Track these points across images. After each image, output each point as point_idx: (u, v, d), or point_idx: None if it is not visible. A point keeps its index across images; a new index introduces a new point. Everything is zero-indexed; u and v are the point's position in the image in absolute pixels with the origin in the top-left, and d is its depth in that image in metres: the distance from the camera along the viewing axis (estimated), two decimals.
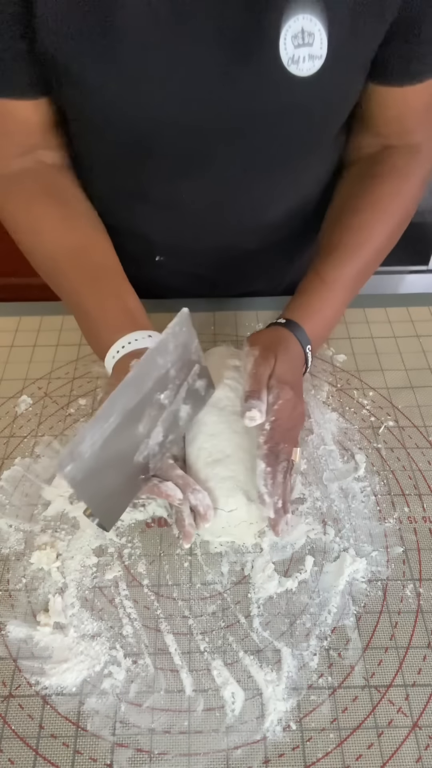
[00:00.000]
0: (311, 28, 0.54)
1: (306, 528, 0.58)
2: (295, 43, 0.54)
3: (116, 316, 0.62)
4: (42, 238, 0.66)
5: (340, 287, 0.66)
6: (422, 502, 0.61)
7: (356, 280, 0.67)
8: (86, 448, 0.45)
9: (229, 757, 0.45)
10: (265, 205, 0.73)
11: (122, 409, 0.48)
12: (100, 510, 0.52)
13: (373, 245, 0.67)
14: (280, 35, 0.54)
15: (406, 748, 0.46)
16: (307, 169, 0.71)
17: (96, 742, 0.46)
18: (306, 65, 0.55)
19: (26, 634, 0.51)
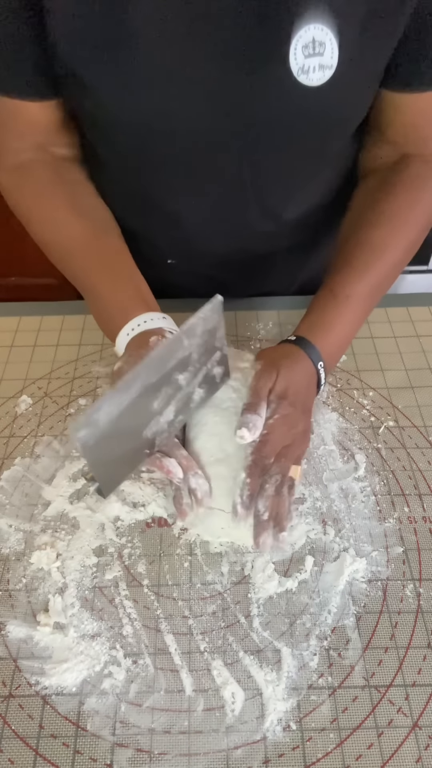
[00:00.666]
0: (322, 38, 0.53)
1: (306, 528, 0.58)
2: (305, 53, 0.54)
3: (129, 298, 0.63)
4: (54, 225, 0.67)
5: (354, 303, 0.64)
6: (422, 502, 0.61)
7: (371, 295, 0.65)
8: (103, 416, 0.46)
9: (229, 757, 0.45)
10: (277, 212, 0.73)
11: (143, 383, 0.48)
12: (103, 477, 0.52)
13: (388, 260, 0.65)
14: (291, 45, 0.53)
15: (406, 748, 0.46)
16: (319, 176, 0.71)
17: (96, 742, 0.46)
18: (316, 75, 0.55)
19: (26, 634, 0.51)
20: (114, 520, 0.59)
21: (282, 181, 0.69)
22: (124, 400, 0.47)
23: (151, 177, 0.67)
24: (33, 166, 0.67)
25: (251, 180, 0.67)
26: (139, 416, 0.51)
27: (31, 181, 0.67)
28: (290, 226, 0.75)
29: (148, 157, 0.64)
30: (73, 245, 0.66)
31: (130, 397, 0.47)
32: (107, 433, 0.47)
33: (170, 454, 0.56)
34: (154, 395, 0.51)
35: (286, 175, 0.68)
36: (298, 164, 0.67)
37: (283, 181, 0.69)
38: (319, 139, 0.64)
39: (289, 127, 0.60)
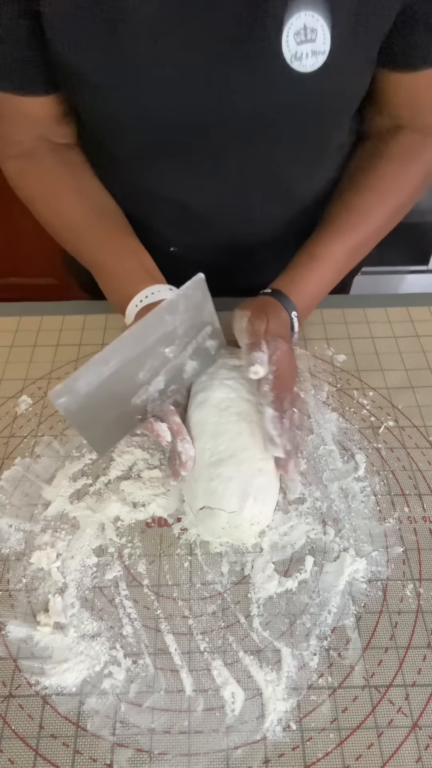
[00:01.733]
0: (314, 24, 0.54)
1: (306, 528, 0.58)
2: (297, 39, 0.54)
3: (136, 271, 0.65)
4: (59, 206, 0.69)
5: (330, 263, 0.67)
6: (422, 502, 0.61)
7: (348, 257, 0.68)
8: (82, 385, 0.50)
9: (229, 757, 0.45)
10: (278, 199, 0.73)
11: (122, 357, 0.52)
12: (92, 437, 0.57)
13: (370, 225, 0.68)
14: (283, 32, 0.54)
15: (406, 748, 0.46)
16: (319, 162, 0.72)
17: (96, 742, 0.46)
18: (309, 61, 0.56)
19: (26, 634, 0.51)
20: (114, 520, 0.59)
21: (281, 168, 0.69)
22: (104, 371, 0.51)
23: (151, 166, 0.68)
24: (36, 152, 0.69)
25: (251, 167, 0.67)
26: (125, 385, 0.54)
27: (34, 166, 0.69)
28: (292, 212, 0.76)
29: (147, 147, 0.65)
30: (77, 224, 0.68)
31: (109, 369, 0.51)
32: (90, 400, 0.51)
33: (163, 419, 0.59)
34: (139, 367, 0.54)
35: (286, 162, 0.69)
36: (297, 151, 0.67)
37: (282, 168, 0.69)
38: (315, 125, 0.65)
39: (284, 114, 0.61)
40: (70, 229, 0.70)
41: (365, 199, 0.68)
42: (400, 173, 0.68)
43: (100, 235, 0.68)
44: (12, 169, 0.71)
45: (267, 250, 0.81)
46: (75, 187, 0.69)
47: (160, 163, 0.67)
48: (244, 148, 0.64)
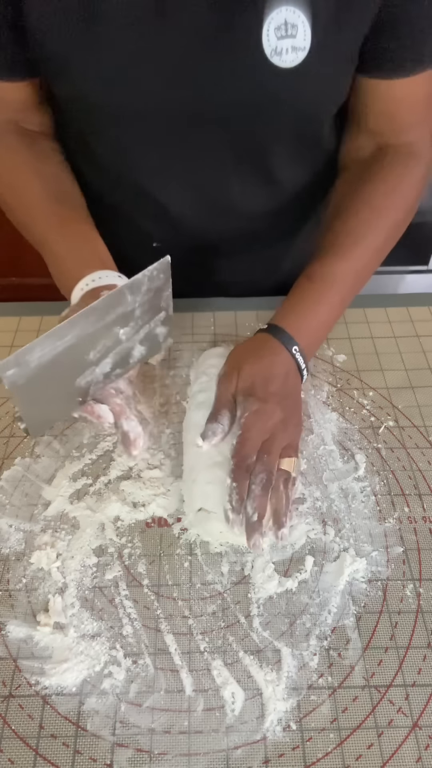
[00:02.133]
0: (294, 20, 0.54)
1: (306, 528, 0.58)
2: (278, 34, 0.55)
3: (85, 256, 0.63)
4: (16, 182, 0.68)
5: (331, 287, 0.64)
6: (422, 502, 0.60)
7: (350, 280, 0.65)
8: (34, 358, 0.48)
9: (229, 757, 0.45)
10: (259, 193, 0.73)
11: (79, 332, 0.50)
12: (31, 417, 0.54)
13: (368, 246, 0.66)
14: (263, 27, 0.54)
15: (406, 748, 0.46)
16: (300, 160, 0.72)
17: (96, 742, 0.46)
18: (289, 57, 0.56)
19: (26, 634, 0.51)
20: (114, 520, 0.59)
21: (262, 163, 0.69)
22: (59, 346, 0.49)
23: (131, 157, 0.67)
24: (3, 135, 0.68)
25: (231, 161, 0.67)
26: (74, 364, 0.53)
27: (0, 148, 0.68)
28: (275, 207, 0.76)
29: (126, 138, 0.65)
30: (33, 202, 0.67)
31: (64, 344, 0.49)
32: (38, 375, 0.49)
33: (104, 401, 0.58)
34: (91, 345, 0.53)
35: (266, 157, 0.68)
36: (277, 147, 0.67)
37: (263, 163, 0.69)
38: (295, 123, 0.64)
39: (264, 109, 0.61)
40: (24, 205, 0.68)
41: (360, 221, 0.66)
42: (390, 192, 0.67)
43: (55, 218, 0.66)
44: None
45: (251, 247, 0.81)
46: (37, 169, 0.68)
47: (138, 154, 0.66)
48: (224, 140, 0.64)
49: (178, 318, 0.79)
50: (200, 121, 0.62)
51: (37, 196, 0.67)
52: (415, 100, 0.65)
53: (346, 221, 0.66)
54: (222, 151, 0.66)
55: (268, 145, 0.67)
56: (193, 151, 0.66)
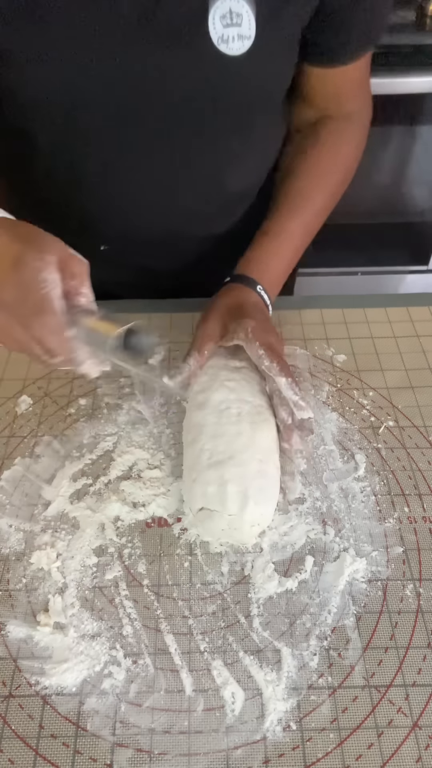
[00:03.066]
0: (239, 9, 0.56)
1: (306, 528, 0.58)
2: (223, 23, 0.56)
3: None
4: None
5: (285, 239, 0.71)
6: (422, 502, 0.61)
7: (300, 233, 0.72)
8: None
9: (229, 757, 0.45)
10: (209, 186, 0.73)
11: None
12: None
13: (314, 205, 0.73)
14: (209, 15, 0.56)
15: (406, 748, 0.46)
16: (251, 150, 0.73)
17: (96, 742, 0.46)
18: (236, 45, 0.58)
19: (26, 634, 0.51)
20: (114, 520, 0.59)
21: (211, 153, 0.70)
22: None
23: (78, 153, 0.67)
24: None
25: (179, 154, 0.68)
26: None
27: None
28: (225, 205, 0.77)
29: (72, 132, 0.64)
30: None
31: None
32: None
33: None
34: None
35: (215, 147, 0.69)
36: (225, 138, 0.69)
37: (210, 155, 0.70)
38: (244, 110, 0.66)
39: (212, 98, 0.62)
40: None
41: (306, 183, 0.73)
42: (333, 156, 0.74)
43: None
44: None
45: (201, 248, 0.80)
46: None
47: (86, 146, 0.66)
48: (174, 130, 0.64)
49: (178, 318, 0.79)
50: (150, 111, 0.62)
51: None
52: (357, 78, 0.72)
53: (294, 182, 0.73)
54: (171, 142, 0.66)
55: (219, 135, 0.68)
56: (140, 143, 0.65)
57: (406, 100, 1.47)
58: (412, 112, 1.52)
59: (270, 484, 0.57)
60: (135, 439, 0.66)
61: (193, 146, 0.67)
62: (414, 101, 1.49)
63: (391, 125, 1.55)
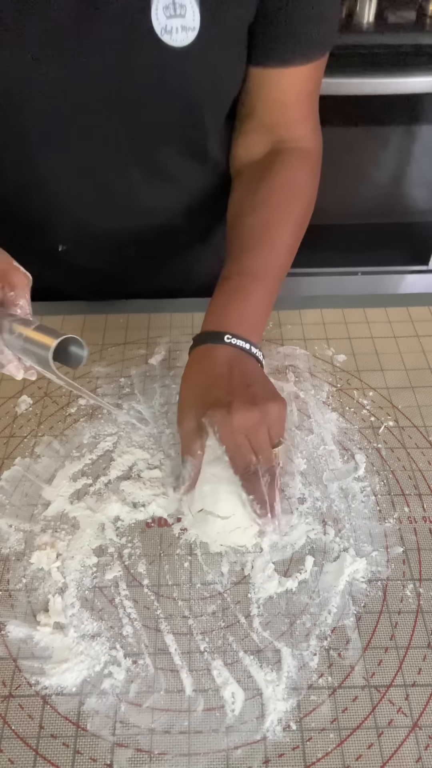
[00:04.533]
0: (182, 1, 0.55)
1: (306, 528, 0.58)
2: (166, 14, 0.56)
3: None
4: None
5: (249, 278, 0.61)
6: (422, 502, 0.61)
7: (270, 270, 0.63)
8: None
9: (229, 757, 0.45)
10: (162, 190, 0.72)
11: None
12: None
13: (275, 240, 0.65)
14: (152, 5, 0.55)
15: (406, 748, 0.46)
16: (202, 152, 0.71)
17: (96, 742, 0.46)
18: (179, 36, 0.57)
19: (26, 634, 0.51)
20: (114, 520, 0.59)
21: (157, 157, 0.68)
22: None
23: (25, 152, 0.65)
24: None
25: (130, 154, 0.66)
26: None
27: None
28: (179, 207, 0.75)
29: (18, 131, 0.63)
30: None
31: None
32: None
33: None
34: None
35: (165, 145, 0.68)
36: (174, 134, 0.67)
37: (158, 157, 0.68)
38: (190, 105, 0.65)
39: (157, 90, 0.61)
40: None
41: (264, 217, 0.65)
42: (288, 185, 0.68)
43: None
44: None
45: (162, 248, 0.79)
46: None
47: (33, 149, 0.65)
48: (119, 124, 0.63)
49: (178, 318, 0.80)
50: (93, 103, 0.61)
51: None
52: (303, 91, 0.68)
53: (251, 219, 0.66)
54: (118, 143, 0.65)
55: (166, 133, 0.67)
56: (89, 137, 0.64)
57: (406, 100, 1.47)
58: (412, 112, 1.52)
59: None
60: (135, 439, 0.66)
61: (140, 145, 0.66)
62: (414, 101, 1.49)
63: (391, 125, 1.55)
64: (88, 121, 0.63)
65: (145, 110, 0.63)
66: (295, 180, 0.69)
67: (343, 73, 1.32)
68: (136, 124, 0.64)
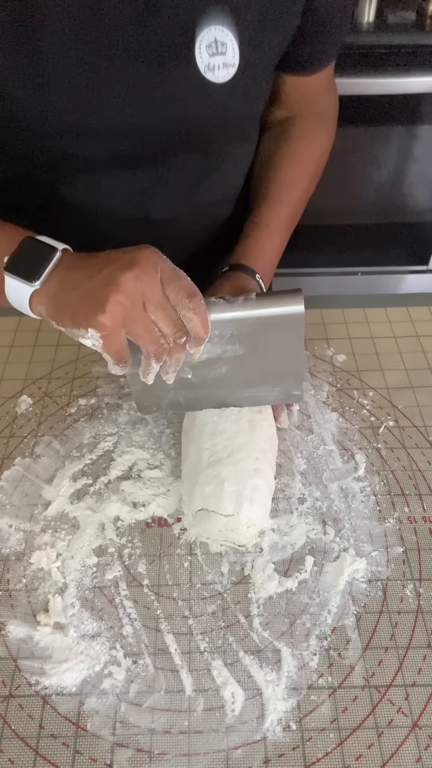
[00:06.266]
0: (223, 38, 0.59)
1: (306, 528, 0.58)
2: (209, 52, 0.59)
3: (9, 232, 0.57)
4: None
5: (274, 229, 0.73)
6: (422, 502, 0.61)
7: (286, 223, 0.75)
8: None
9: (229, 757, 0.45)
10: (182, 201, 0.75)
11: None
12: (141, 398, 0.59)
13: (295, 194, 0.76)
14: (195, 45, 0.58)
15: (406, 748, 0.46)
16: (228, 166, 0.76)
17: (96, 742, 0.46)
18: (221, 72, 0.60)
19: (26, 634, 0.51)
20: (114, 520, 0.59)
21: (185, 173, 0.71)
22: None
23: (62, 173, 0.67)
24: None
25: (156, 173, 0.69)
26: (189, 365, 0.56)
27: None
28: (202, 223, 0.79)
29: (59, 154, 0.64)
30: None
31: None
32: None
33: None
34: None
35: (190, 168, 0.71)
36: (206, 158, 0.70)
37: (185, 173, 0.71)
38: (224, 134, 0.68)
39: (194, 122, 0.64)
40: None
41: (286, 174, 0.76)
42: (306, 148, 0.78)
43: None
44: None
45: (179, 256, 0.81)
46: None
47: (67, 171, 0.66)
48: (149, 156, 0.66)
49: None
50: (134, 136, 0.63)
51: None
52: (325, 80, 0.76)
53: (276, 172, 0.76)
54: (147, 167, 0.68)
55: (191, 160, 0.69)
56: (119, 166, 0.66)
57: (406, 100, 1.47)
58: (412, 112, 1.52)
59: (266, 482, 0.57)
60: (135, 439, 0.66)
61: (170, 166, 0.69)
62: (414, 101, 1.49)
63: (391, 125, 1.55)
64: (121, 147, 0.64)
65: (179, 140, 0.65)
66: (310, 143, 0.78)
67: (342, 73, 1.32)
68: (167, 151, 0.66)
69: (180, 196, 0.74)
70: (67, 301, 0.51)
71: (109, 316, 0.48)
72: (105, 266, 0.50)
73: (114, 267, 0.49)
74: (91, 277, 0.50)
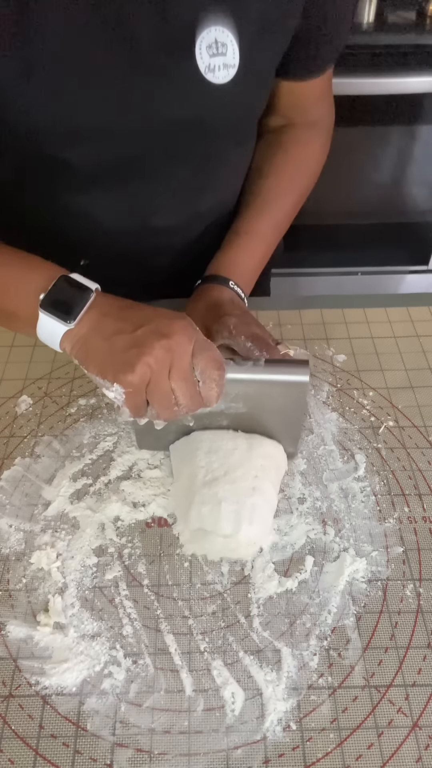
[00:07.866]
0: (224, 39, 0.59)
1: (306, 528, 0.58)
2: (210, 52, 0.59)
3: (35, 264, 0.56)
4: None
5: (254, 238, 0.73)
6: (422, 502, 0.61)
7: (269, 233, 0.75)
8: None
9: (229, 757, 0.45)
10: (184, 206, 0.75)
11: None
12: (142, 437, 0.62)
13: (281, 205, 0.76)
14: (195, 45, 0.58)
15: (406, 748, 0.46)
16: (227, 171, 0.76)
17: (96, 742, 0.46)
18: (222, 73, 0.60)
19: (26, 634, 0.51)
20: (114, 520, 0.59)
21: (187, 178, 0.71)
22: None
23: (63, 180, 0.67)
24: None
25: (158, 178, 0.69)
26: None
27: None
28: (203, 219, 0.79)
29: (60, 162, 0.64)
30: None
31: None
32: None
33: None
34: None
35: (191, 173, 0.71)
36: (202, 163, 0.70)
37: (187, 178, 0.71)
38: (225, 134, 0.68)
39: (196, 125, 0.64)
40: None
41: (273, 183, 0.75)
42: (298, 158, 0.78)
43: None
44: None
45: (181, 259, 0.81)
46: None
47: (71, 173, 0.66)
48: (151, 160, 0.66)
49: None
50: (136, 139, 0.63)
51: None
52: (321, 87, 0.76)
53: (264, 182, 0.76)
54: (149, 172, 0.67)
55: (193, 165, 0.70)
56: (121, 172, 0.66)
57: (406, 100, 1.47)
58: (412, 112, 1.52)
59: (264, 500, 0.56)
60: (135, 439, 0.66)
61: (169, 172, 0.69)
62: (414, 101, 1.49)
63: (391, 125, 1.55)
64: (122, 153, 0.64)
65: (181, 143, 0.65)
66: (303, 154, 0.78)
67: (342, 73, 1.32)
68: (169, 155, 0.66)
69: (178, 203, 0.74)
70: (96, 349, 0.51)
71: (138, 377, 0.49)
72: (139, 326, 0.50)
73: (149, 331, 0.50)
74: (123, 332, 0.50)
